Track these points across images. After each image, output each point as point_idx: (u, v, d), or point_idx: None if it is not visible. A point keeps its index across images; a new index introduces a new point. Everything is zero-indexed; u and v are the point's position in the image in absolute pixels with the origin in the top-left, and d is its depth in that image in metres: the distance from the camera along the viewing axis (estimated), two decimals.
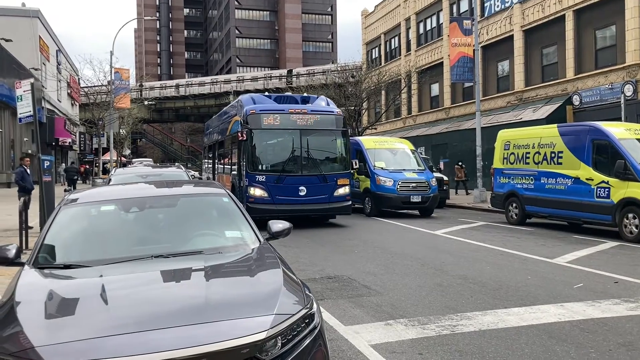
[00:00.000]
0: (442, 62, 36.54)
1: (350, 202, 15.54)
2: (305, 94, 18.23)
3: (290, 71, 70.65)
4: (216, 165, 21.93)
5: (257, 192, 14.48)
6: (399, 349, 5.18)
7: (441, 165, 27.59)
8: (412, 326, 5.88)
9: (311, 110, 15.29)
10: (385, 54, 45.12)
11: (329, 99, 17.28)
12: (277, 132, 15.03)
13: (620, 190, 12.28)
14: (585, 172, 13.21)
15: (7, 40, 31.68)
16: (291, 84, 66.15)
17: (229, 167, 18.03)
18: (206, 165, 26.69)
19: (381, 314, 6.39)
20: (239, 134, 14.70)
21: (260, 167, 14.82)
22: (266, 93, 19.62)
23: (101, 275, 3.69)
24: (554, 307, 6.56)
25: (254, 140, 14.68)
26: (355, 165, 16.12)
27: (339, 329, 5.79)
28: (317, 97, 17.11)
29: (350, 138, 16.72)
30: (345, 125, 15.87)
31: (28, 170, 14.94)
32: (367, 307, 6.73)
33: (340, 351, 5.13)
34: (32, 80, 12.76)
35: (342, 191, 15.16)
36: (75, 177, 35.11)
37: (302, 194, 14.56)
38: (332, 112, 15.69)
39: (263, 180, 14.53)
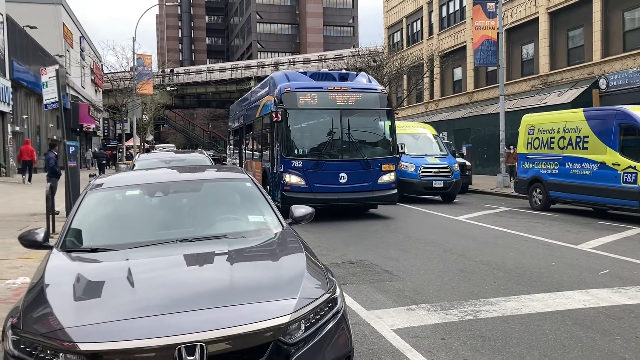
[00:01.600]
0: (465, 46, 36.05)
1: (396, 191, 14.03)
2: (343, 71, 17.01)
3: (172, 70, 69.78)
4: (243, 151, 20.76)
5: (292, 179, 13.18)
6: (421, 334, 5.19)
7: (464, 151, 27.36)
8: (435, 311, 5.88)
9: (352, 88, 13.80)
10: (407, 37, 44.64)
11: (370, 76, 15.69)
12: (315, 113, 13.64)
13: None
14: (612, 157, 12.97)
15: (32, 28, 32.09)
16: (172, 81, 65.84)
17: (259, 152, 16.75)
18: (231, 151, 25.68)
19: (403, 299, 6.39)
20: (273, 115, 13.24)
21: (296, 152, 13.51)
22: (301, 70, 17.47)
23: (127, 259, 3.74)
24: (578, 294, 6.49)
25: (289, 122, 13.32)
26: (402, 149, 14.64)
27: (361, 314, 5.82)
28: (357, 74, 15.59)
29: None
30: (390, 105, 14.38)
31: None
32: (389, 292, 6.74)
33: (363, 335, 5.15)
34: (57, 66, 12.93)
35: (387, 178, 13.73)
36: (104, 162, 35.94)
37: (342, 181, 13.22)
38: (376, 89, 14.20)
39: (299, 166, 13.19)
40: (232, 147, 25.36)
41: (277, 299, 3.19)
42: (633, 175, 12.39)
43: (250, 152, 18.68)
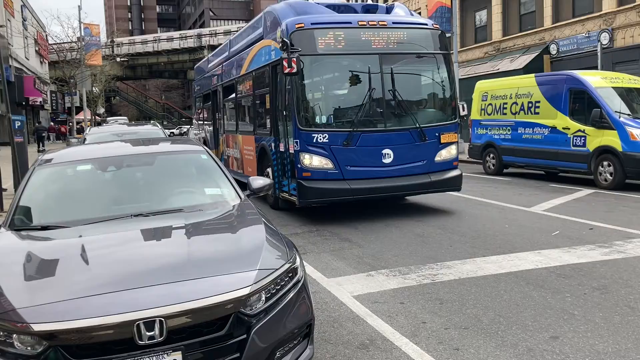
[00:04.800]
0: (419, 13, 36.06)
1: (460, 171, 10.02)
2: (370, 2, 12.31)
3: (112, 40, 65.18)
4: (221, 122, 15.35)
5: (315, 161, 8.96)
6: (380, 299, 5.27)
7: None
8: (393, 276, 5.98)
9: (394, 23, 9.63)
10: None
11: (409, 9, 11.17)
12: (343, 60, 9.48)
13: (596, 138, 12.43)
14: (562, 121, 13.32)
15: None
16: (121, 52, 62.17)
17: (250, 123, 12.22)
18: (199, 123, 19.39)
19: (363, 266, 6.47)
20: (285, 64, 8.56)
21: (318, 120, 9.21)
22: None
23: (80, 236, 3.65)
24: (531, 255, 6.71)
25: (305, 75, 9.01)
26: (464, 110, 10.31)
27: (322, 282, 5.87)
28: (391, 5, 11.05)
29: None
30: (447, 46, 10.33)
31: None
32: (349, 259, 6.81)
33: (324, 303, 5.20)
34: None
35: (446, 154, 9.74)
36: (44, 135, 34.83)
37: (387, 161, 9.19)
38: (426, 24, 10.03)
39: (325, 141, 8.95)
40: (200, 117, 19.24)
41: (236, 271, 3.16)
42: (582, 138, 12.77)
43: (234, 123, 13.78)
